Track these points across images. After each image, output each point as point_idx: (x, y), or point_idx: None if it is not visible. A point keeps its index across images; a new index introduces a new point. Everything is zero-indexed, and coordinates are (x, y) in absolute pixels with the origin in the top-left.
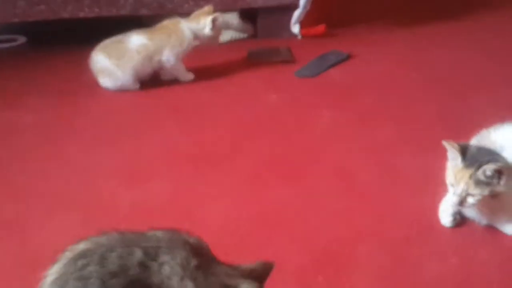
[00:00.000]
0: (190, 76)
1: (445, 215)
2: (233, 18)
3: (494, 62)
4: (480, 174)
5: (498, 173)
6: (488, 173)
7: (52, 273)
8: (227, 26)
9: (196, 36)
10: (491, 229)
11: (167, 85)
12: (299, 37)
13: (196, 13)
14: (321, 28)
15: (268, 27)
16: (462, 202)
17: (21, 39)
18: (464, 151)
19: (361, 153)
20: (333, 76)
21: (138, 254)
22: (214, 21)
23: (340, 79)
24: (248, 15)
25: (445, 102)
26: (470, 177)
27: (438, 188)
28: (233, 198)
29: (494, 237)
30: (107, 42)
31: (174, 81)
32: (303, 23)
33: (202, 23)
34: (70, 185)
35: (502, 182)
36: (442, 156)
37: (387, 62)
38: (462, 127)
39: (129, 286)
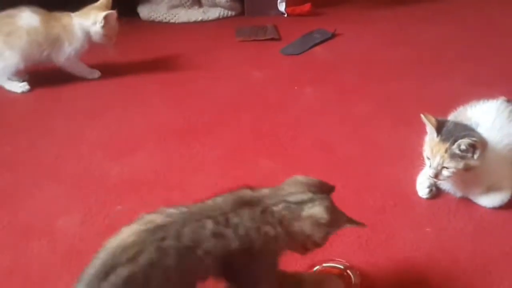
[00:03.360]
0: (94, 74)
1: (422, 187)
2: None
3: (473, 41)
4: (455, 148)
5: (473, 147)
6: (463, 147)
7: (129, 234)
8: (215, 4)
9: (88, 34)
10: (465, 201)
11: (153, 60)
12: (285, 15)
13: (89, 6)
14: (306, 7)
15: (255, 5)
16: (437, 174)
17: None
18: (440, 125)
19: (342, 127)
20: (317, 54)
21: (209, 225)
22: (107, 18)
23: (324, 57)
24: None
25: (424, 79)
26: (446, 150)
27: (414, 161)
28: (217, 169)
29: (468, 208)
30: None
31: (160, 57)
32: (289, 2)
33: (92, 18)
34: (57, 156)
35: (476, 156)
36: (419, 131)
37: (370, 41)
38: (440, 103)
39: (203, 258)
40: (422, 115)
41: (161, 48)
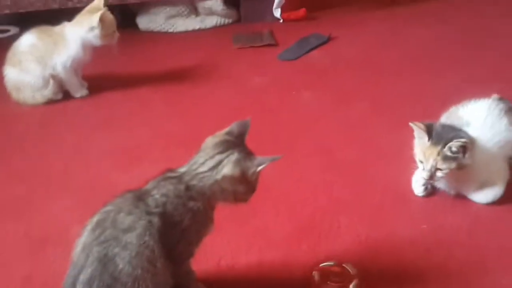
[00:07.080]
0: (82, 92)
1: (418, 185)
2: (216, 4)
3: (466, 42)
4: (446, 150)
5: (463, 148)
6: (454, 149)
7: (79, 244)
8: (212, 12)
9: (85, 41)
10: (460, 198)
11: (154, 71)
12: (281, 21)
13: (82, 12)
14: (301, 12)
15: (251, 12)
16: (432, 176)
17: (14, 30)
18: (430, 130)
19: (340, 129)
20: (313, 58)
21: (141, 205)
22: (101, 19)
23: (320, 61)
24: (232, 1)
25: (419, 80)
26: (438, 153)
27: (410, 160)
28: None
29: (463, 205)
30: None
31: (161, 68)
32: (284, 7)
33: (86, 25)
34: (67, 168)
35: (467, 155)
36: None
37: (365, 43)
38: (433, 103)
39: (144, 234)
40: (410, 123)
41: (161, 58)
